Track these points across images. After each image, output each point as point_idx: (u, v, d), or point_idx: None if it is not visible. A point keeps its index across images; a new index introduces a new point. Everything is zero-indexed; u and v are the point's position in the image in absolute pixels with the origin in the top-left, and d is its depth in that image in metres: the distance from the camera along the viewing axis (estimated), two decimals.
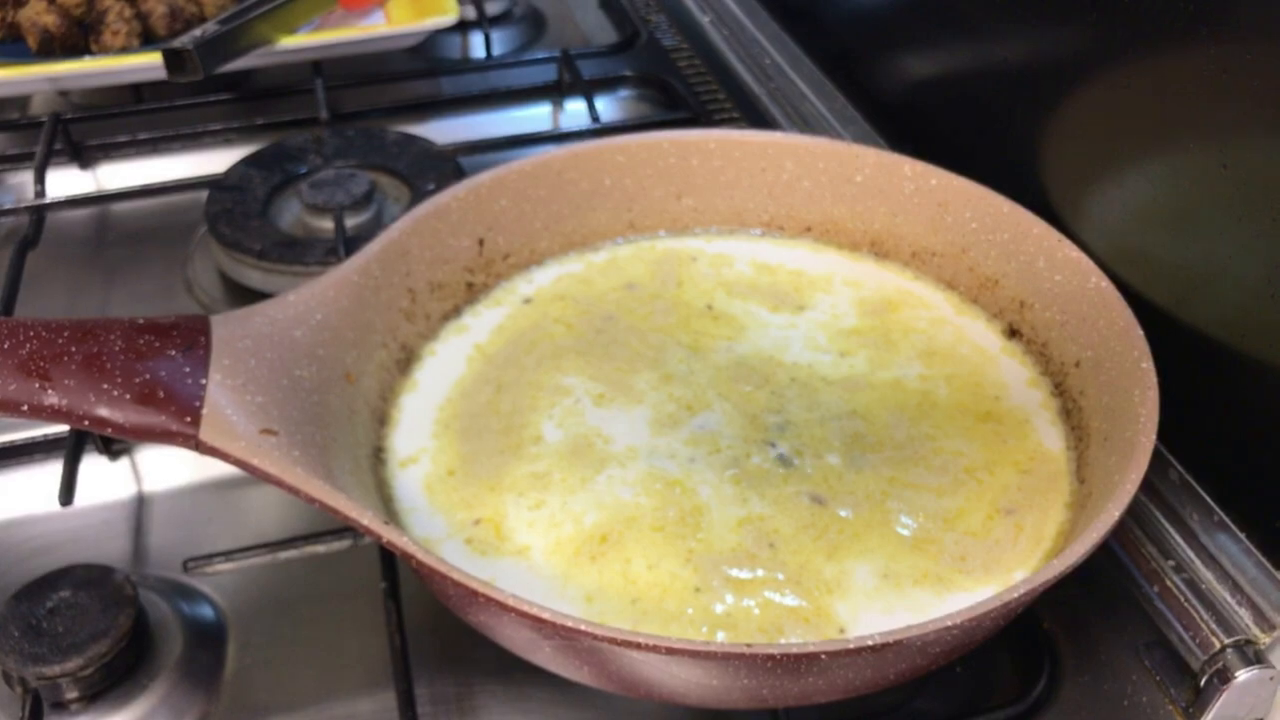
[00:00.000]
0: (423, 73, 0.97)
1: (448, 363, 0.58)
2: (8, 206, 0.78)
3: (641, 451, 0.52)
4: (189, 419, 0.44)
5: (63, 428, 0.59)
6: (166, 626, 0.51)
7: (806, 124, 0.84)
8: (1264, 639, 0.48)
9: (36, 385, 0.42)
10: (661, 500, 0.50)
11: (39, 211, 0.76)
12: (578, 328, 0.60)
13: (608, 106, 0.92)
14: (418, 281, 0.58)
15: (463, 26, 0.99)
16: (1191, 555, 0.51)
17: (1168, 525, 0.52)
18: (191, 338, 0.45)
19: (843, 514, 0.49)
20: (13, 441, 0.61)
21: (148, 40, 0.90)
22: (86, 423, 0.43)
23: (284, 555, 0.52)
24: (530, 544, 0.48)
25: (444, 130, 0.87)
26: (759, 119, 0.88)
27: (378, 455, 0.53)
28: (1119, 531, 0.49)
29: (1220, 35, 0.47)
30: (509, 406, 0.55)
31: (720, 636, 0.45)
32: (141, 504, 0.59)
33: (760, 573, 0.47)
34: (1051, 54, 0.59)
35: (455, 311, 0.60)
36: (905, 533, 0.49)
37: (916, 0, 0.73)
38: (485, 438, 0.53)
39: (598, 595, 0.46)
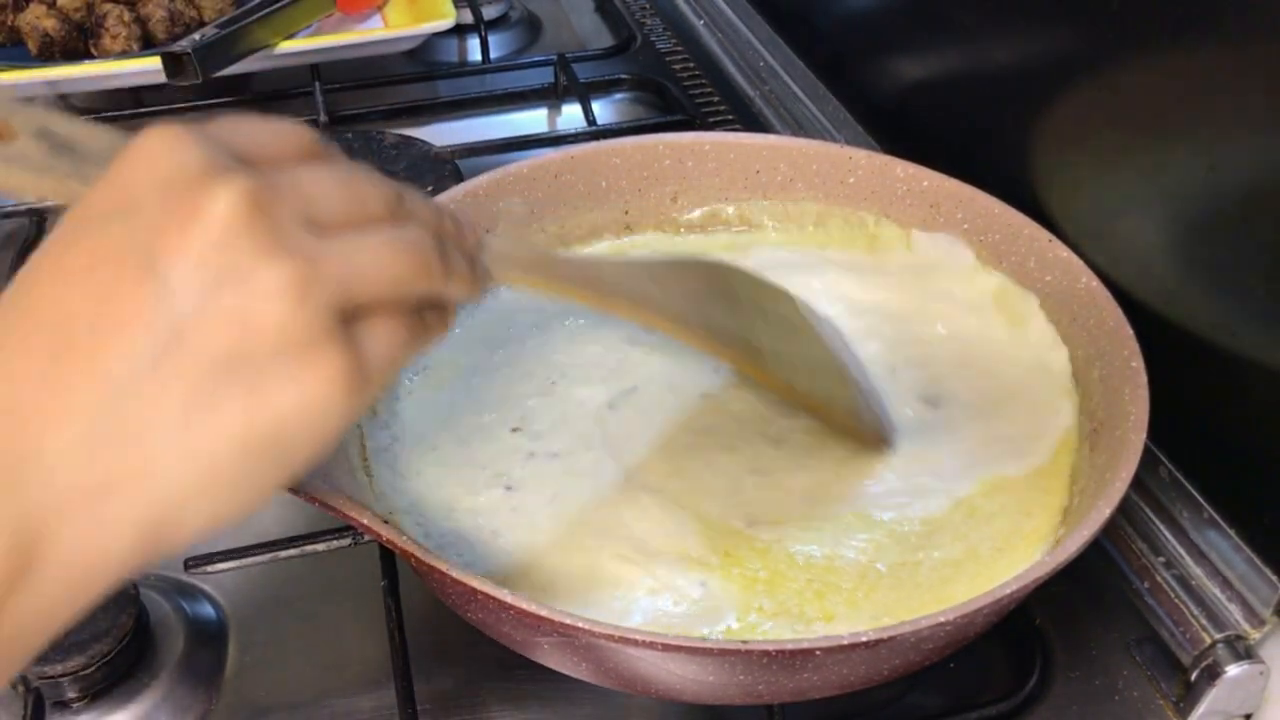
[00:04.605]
0: (420, 76, 0.98)
1: (448, 363, 0.58)
2: (9, 209, 0.78)
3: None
4: None
5: None
6: (168, 625, 0.52)
7: (800, 127, 0.84)
8: (1254, 634, 0.48)
9: None
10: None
11: (40, 214, 0.76)
12: None
13: (604, 109, 0.93)
14: None
15: (459, 30, 0.99)
16: (1182, 552, 0.51)
17: (1158, 522, 0.53)
18: None
19: None
20: None
21: (147, 44, 0.91)
22: None
23: (284, 554, 0.52)
24: None
25: (441, 133, 0.87)
26: (753, 122, 0.88)
27: (377, 453, 0.53)
28: (1110, 528, 0.49)
29: (1207, 39, 0.48)
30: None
31: None
32: None
33: None
34: (1041, 57, 0.60)
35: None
36: None
37: (908, 4, 0.73)
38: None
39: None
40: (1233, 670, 0.47)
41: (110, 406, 0.28)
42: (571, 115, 0.92)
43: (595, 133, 0.83)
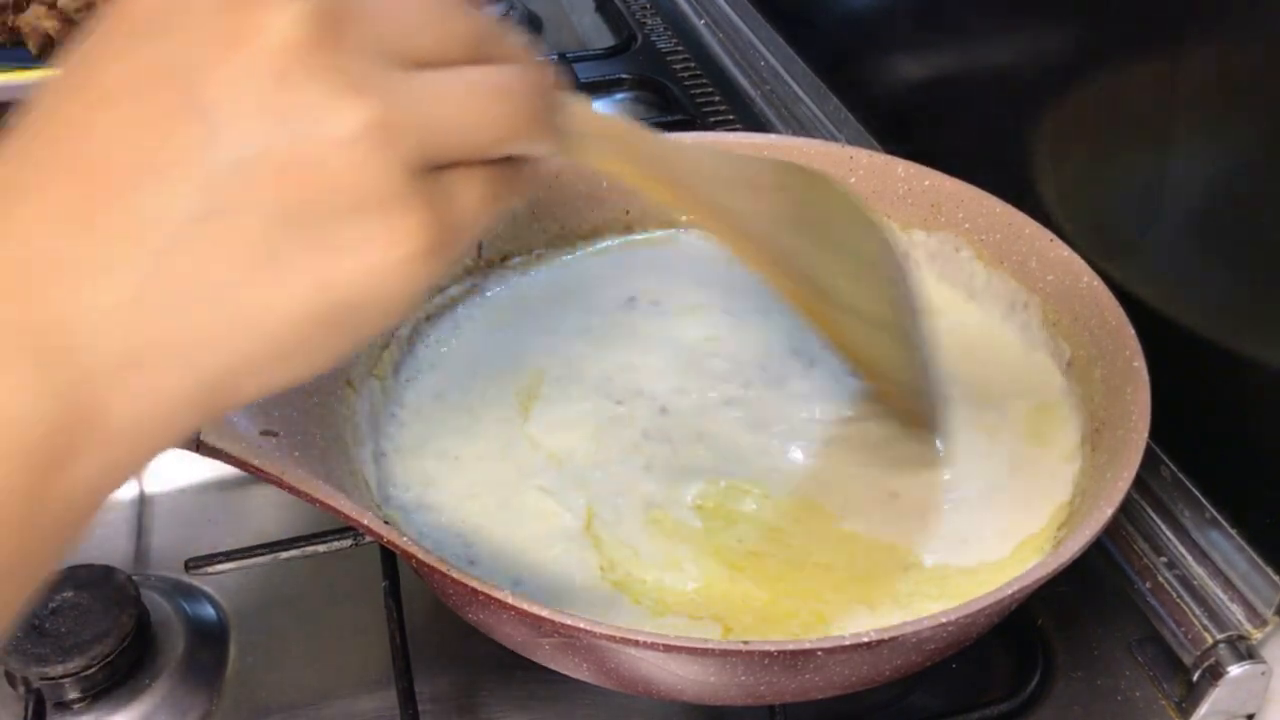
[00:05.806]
0: None
1: (448, 363, 0.58)
2: None
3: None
4: None
5: None
6: (169, 626, 0.52)
7: (801, 126, 0.84)
8: (1256, 634, 0.48)
9: None
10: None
11: None
12: None
13: (604, 109, 0.92)
14: None
15: None
16: (1183, 551, 0.51)
17: (1160, 522, 0.53)
18: None
19: None
20: None
21: None
22: None
23: (285, 555, 0.52)
24: None
25: None
26: (754, 121, 0.88)
27: (378, 455, 0.53)
28: (1111, 528, 0.49)
29: (1210, 37, 0.48)
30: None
31: None
32: (143, 504, 0.60)
33: None
34: (1042, 56, 0.60)
35: (455, 313, 0.61)
36: None
37: (909, 4, 0.73)
38: None
39: None
40: (1235, 670, 0.47)
41: (158, 263, 0.24)
42: None
43: None
